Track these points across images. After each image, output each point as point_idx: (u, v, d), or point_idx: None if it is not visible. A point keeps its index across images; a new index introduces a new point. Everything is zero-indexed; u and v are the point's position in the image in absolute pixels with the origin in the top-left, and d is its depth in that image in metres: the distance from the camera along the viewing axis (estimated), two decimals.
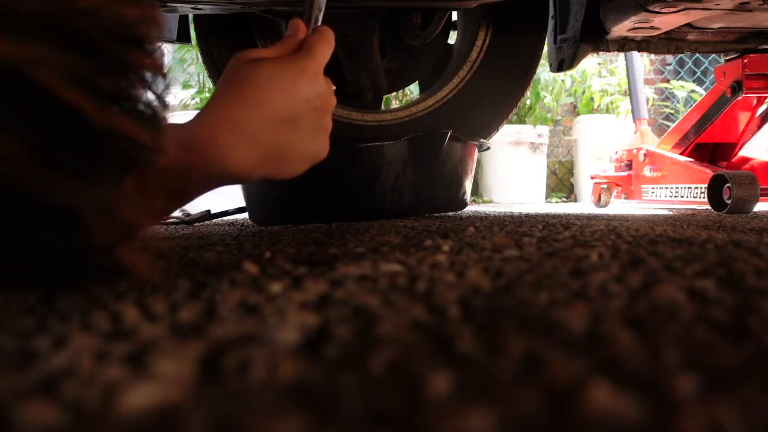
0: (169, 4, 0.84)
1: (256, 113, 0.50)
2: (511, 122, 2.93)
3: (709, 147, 1.70)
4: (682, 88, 3.14)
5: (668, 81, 3.46)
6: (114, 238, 0.32)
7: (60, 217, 0.30)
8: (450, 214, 1.16)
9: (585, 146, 3.13)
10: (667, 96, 3.51)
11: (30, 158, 0.28)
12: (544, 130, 3.08)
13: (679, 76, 3.69)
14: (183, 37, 1.20)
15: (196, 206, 1.15)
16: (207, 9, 0.89)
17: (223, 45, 1.13)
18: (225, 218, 1.33)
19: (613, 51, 1.12)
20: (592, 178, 2.10)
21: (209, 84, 2.86)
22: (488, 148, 1.10)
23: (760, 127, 1.60)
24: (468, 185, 1.10)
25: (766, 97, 1.53)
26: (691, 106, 1.70)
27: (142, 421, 0.15)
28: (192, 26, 1.18)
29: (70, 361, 0.19)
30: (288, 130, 0.51)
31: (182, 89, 3.06)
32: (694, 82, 3.46)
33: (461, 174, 1.05)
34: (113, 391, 0.16)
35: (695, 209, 1.60)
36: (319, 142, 0.54)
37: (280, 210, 1.02)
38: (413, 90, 2.76)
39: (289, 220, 1.01)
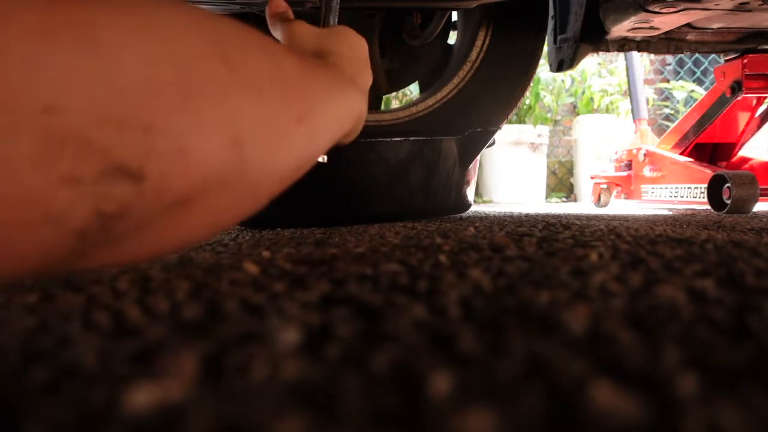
0: None
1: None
2: (511, 122, 2.93)
3: (708, 147, 1.70)
4: (682, 88, 3.14)
5: (668, 81, 3.46)
6: None
7: None
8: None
9: (585, 146, 3.13)
10: (667, 96, 3.51)
11: None
12: (544, 130, 3.08)
13: (679, 76, 3.69)
14: None
15: None
16: (207, 9, 0.89)
17: None
18: None
19: (612, 51, 1.12)
20: (592, 178, 2.10)
21: None
22: (493, 143, 1.10)
23: (759, 127, 1.61)
24: (470, 186, 1.10)
25: (765, 97, 1.53)
26: (691, 106, 1.70)
27: (145, 420, 0.15)
28: None
29: (73, 360, 0.19)
30: None
31: None
32: (693, 82, 3.46)
33: (461, 174, 1.04)
34: (116, 390, 0.16)
35: (695, 209, 1.60)
36: None
37: (269, 210, 0.99)
38: (413, 90, 2.76)
39: (279, 222, 0.97)
